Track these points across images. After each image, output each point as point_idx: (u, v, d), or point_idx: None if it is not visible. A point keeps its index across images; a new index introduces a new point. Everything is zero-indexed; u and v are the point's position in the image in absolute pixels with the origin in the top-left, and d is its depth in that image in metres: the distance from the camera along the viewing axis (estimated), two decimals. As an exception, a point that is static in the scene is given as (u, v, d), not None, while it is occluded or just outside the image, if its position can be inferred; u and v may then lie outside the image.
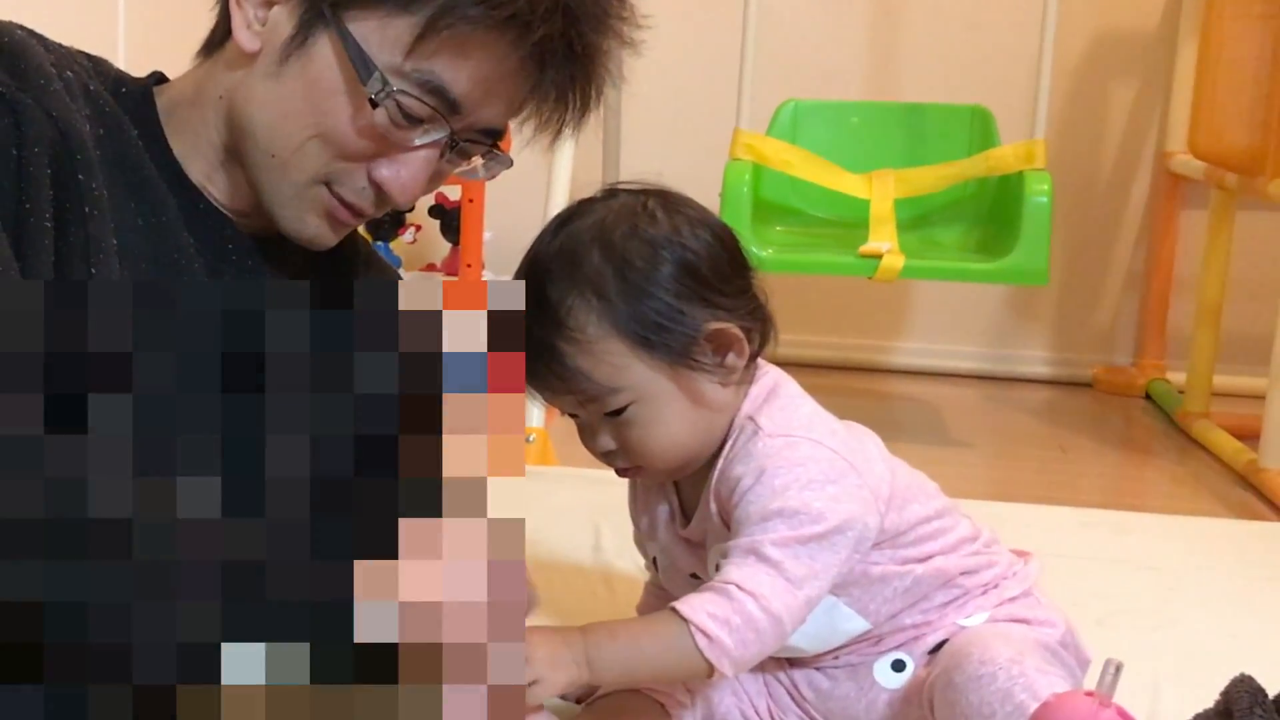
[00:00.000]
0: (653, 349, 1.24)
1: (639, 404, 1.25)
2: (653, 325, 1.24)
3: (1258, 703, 1.31)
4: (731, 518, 1.25)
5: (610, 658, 1.19)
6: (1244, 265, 3.23)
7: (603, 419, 1.27)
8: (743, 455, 1.27)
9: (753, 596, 1.19)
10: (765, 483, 1.23)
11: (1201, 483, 2.74)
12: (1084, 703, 1.11)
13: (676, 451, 1.28)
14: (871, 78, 3.58)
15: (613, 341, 1.23)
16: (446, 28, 1.17)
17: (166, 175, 1.24)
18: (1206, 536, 2.21)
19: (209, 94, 1.25)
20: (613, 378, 1.24)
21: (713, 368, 1.26)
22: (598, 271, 1.24)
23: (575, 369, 1.23)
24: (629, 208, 1.27)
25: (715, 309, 1.26)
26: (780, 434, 1.27)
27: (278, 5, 1.21)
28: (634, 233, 1.25)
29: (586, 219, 1.27)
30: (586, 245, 1.25)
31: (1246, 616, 1.84)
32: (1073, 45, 3.47)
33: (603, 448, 1.28)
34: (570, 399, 1.26)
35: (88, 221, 1.14)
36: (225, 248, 1.27)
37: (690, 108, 3.44)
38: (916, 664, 1.33)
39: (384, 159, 1.23)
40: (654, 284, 1.24)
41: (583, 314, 1.23)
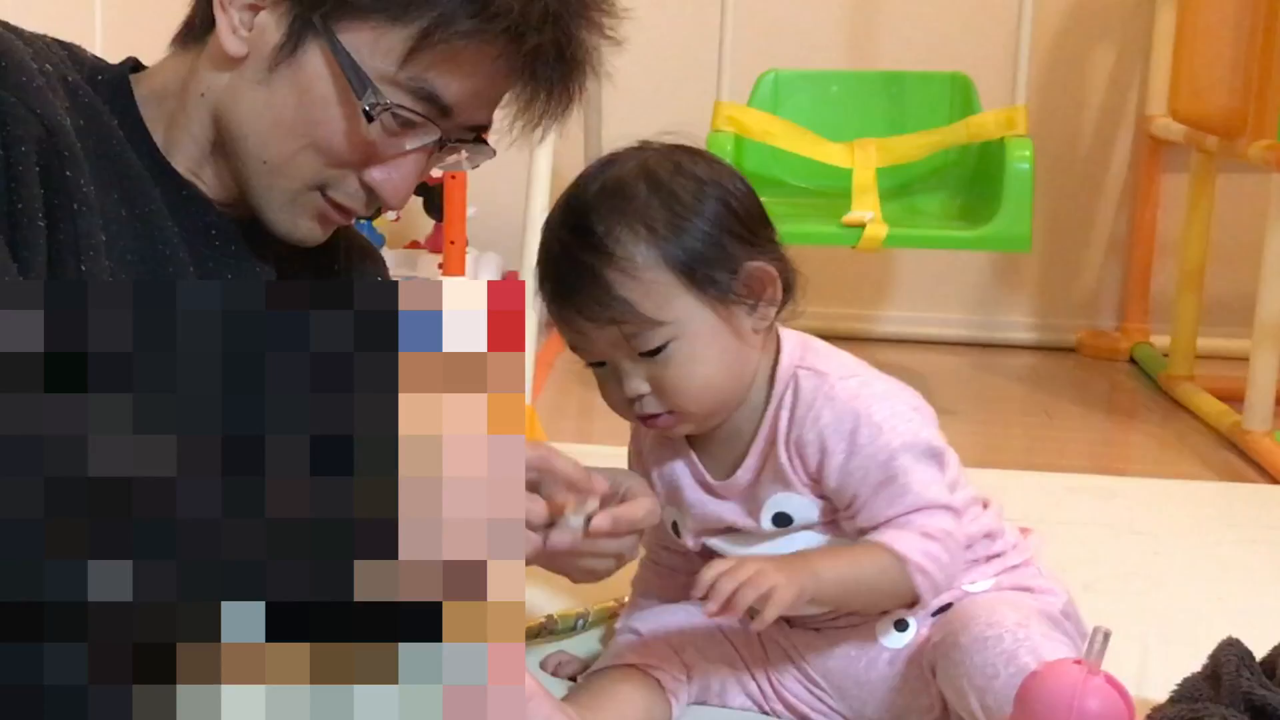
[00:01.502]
0: (697, 282, 1.27)
1: (680, 340, 1.27)
2: (698, 258, 1.27)
3: (1245, 665, 1.32)
4: (835, 462, 1.28)
5: (834, 575, 1.24)
6: (1226, 228, 3.23)
7: (638, 359, 1.28)
8: (820, 401, 1.30)
9: (947, 534, 1.26)
10: (872, 423, 1.28)
11: (1186, 445, 2.75)
12: (1072, 671, 1.12)
13: (712, 394, 1.31)
14: (851, 47, 3.58)
15: (661, 272, 1.26)
16: (441, 40, 1.17)
17: (147, 163, 1.24)
18: (1192, 499, 2.23)
19: (192, 90, 1.25)
20: (659, 309, 1.26)
21: (750, 307, 1.30)
22: (646, 204, 1.27)
23: (623, 299, 1.26)
24: (669, 152, 1.32)
25: (754, 247, 1.30)
26: (850, 375, 1.32)
27: (264, 11, 1.20)
28: (679, 170, 1.30)
29: (628, 162, 1.31)
30: (633, 181, 1.29)
31: (1233, 579, 1.85)
32: (1052, 10, 3.47)
33: (635, 391, 1.30)
34: (612, 332, 1.27)
35: (77, 218, 1.14)
36: (209, 234, 1.27)
37: (671, 79, 3.43)
38: (919, 625, 1.34)
39: (376, 163, 1.23)
40: (700, 218, 1.28)
41: (631, 244, 1.26)
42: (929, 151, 3.07)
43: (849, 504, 1.29)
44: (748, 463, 1.34)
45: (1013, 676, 1.17)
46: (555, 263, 1.31)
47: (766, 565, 1.20)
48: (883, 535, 1.26)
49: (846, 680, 1.36)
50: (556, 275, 1.31)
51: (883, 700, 1.35)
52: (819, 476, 1.30)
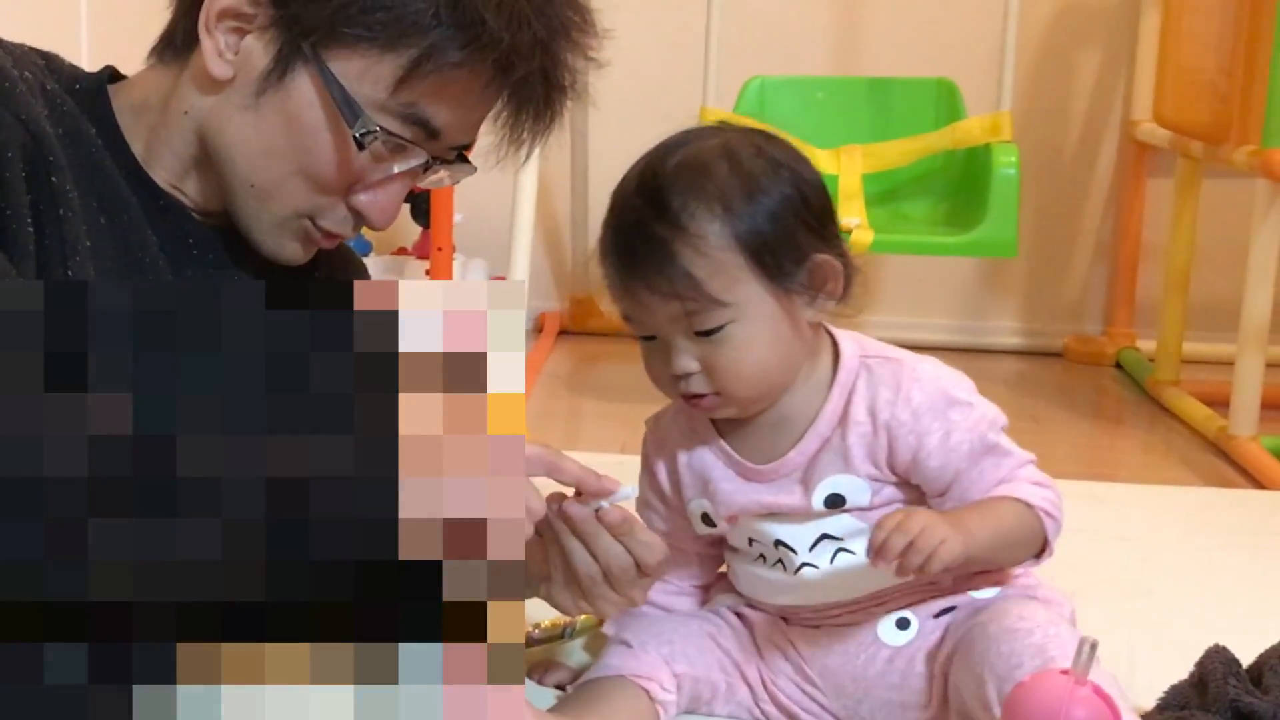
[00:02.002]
0: (765, 267, 1.28)
1: (739, 323, 1.28)
2: (769, 243, 1.28)
3: (1232, 672, 1.32)
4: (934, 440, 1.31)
5: (986, 531, 1.27)
6: (1211, 233, 3.23)
7: (692, 338, 1.29)
8: (908, 384, 1.33)
9: (1052, 482, 1.33)
10: (960, 401, 1.34)
11: (1173, 450, 2.75)
12: (1060, 681, 1.12)
13: (762, 379, 1.32)
14: (837, 53, 3.58)
15: (731, 253, 1.27)
16: (432, 70, 1.18)
17: (126, 173, 1.23)
18: (1178, 505, 2.23)
19: (174, 107, 1.24)
20: (724, 289, 1.27)
21: (809, 298, 1.31)
22: (725, 183, 1.28)
23: (690, 275, 1.26)
24: (750, 134, 1.34)
25: (822, 240, 1.31)
26: (922, 360, 1.37)
27: (250, 35, 1.19)
28: (759, 153, 1.31)
29: (710, 139, 1.33)
30: (714, 158, 1.30)
31: (1219, 585, 1.86)
32: (1036, 16, 3.47)
33: (684, 369, 1.30)
34: (674, 307, 1.28)
35: (62, 223, 1.14)
36: (187, 243, 1.27)
37: (656, 85, 3.42)
38: (921, 624, 1.34)
39: (363, 188, 1.24)
40: (776, 203, 1.29)
41: (706, 221, 1.27)
42: (915, 157, 3.07)
43: (949, 480, 1.32)
44: (803, 446, 1.34)
45: (1036, 670, 1.19)
46: (626, 231, 1.31)
47: (935, 519, 1.22)
48: (1004, 490, 1.31)
49: (844, 676, 1.36)
50: (625, 244, 1.30)
51: (879, 697, 1.35)
52: (911, 457, 1.32)
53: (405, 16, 1.16)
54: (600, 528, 1.24)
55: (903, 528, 1.20)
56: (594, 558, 1.25)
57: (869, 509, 1.34)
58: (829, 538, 1.35)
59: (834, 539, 1.35)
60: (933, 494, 1.34)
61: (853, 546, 1.35)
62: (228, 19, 1.20)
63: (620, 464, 2.23)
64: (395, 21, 1.17)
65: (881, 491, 1.34)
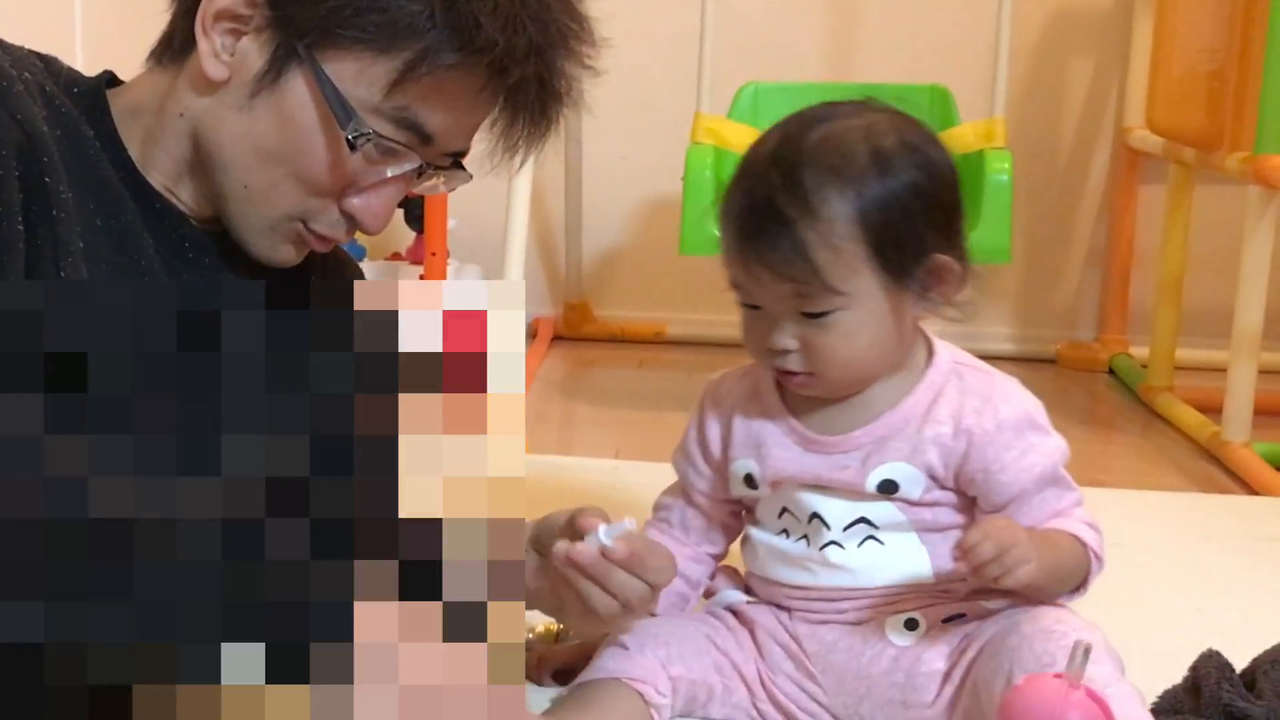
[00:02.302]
0: (886, 261, 1.28)
1: (847, 311, 1.28)
2: (895, 239, 1.28)
3: (1225, 677, 1.33)
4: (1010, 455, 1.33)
5: (1047, 557, 1.27)
6: (1203, 239, 3.24)
7: (798, 317, 1.29)
8: (998, 398, 1.35)
9: (1094, 529, 1.34)
10: (1040, 426, 1.36)
11: (1166, 456, 2.76)
12: (1053, 685, 1.12)
13: (859, 368, 1.33)
14: (830, 59, 3.59)
15: (856, 244, 1.27)
16: (426, 73, 1.18)
17: (123, 176, 1.23)
18: (1171, 510, 2.23)
19: (170, 110, 1.24)
20: (841, 278, 1.27)
21: (920, 295, 1.31)
22: (862, 171, 1.27)
23: (811, 260, 1.26)
24: (894, 121, 1.32)
25: (946, 241, 1.31)
26: (1010, 379, 1.39)
27: (247, 36, 1.20)
28: (901, 144, 1.30)
29: (853, 119, 1.31)
30: (856, 143, 1.28)
31: (1213, 590, 1.86)
32: (1030, 23, 3.48)
33: (783, 345, 1.30)
34: (786, 288, 1.28)
35: (55, 224, 1.14)
36: (182, 246, 1.27)
37: (651, 92, 3.43)
38: (929, 626, 1.35)
39: (355, 191, 1.24)
40: (909, 198, 1.28)
41: (838, 206, 1.26)
42: (908, 163, 3.07)
43: (1010, 499, 1.33)
44: (872, 428, 1.35)
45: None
46: (753, 202, 1.29)
47: (1023, 538, 1.23)
48: (1062, 524, 1.32)
49: (846, 673, 1.36)
50: (750, 215, 1.29)
51: (881, 695, 1.35)
52: (983, 468, 1.33)
53: (400, 19, 1.17)
54: (611, 566, 1.25)
55: (997, 538, 1.22)
56: (611, 595, 1.26)
57: (916, 504, 1.35)
58: (866, 522, 1.36)
59: (870, 525, 1.36)
60: (987, 508, 1.35)
61: (884, 538, 1.36)
62: (224, 20, 1.20)
63: (614, 469, 2.24)
64: (390, 24, 1.17)
65: (933, 491, 1.35)
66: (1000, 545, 1.21)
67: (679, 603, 1.48)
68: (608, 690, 1.36)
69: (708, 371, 1.51)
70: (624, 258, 3.71)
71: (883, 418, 1.35)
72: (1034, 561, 1.23)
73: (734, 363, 1.47)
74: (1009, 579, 1.22)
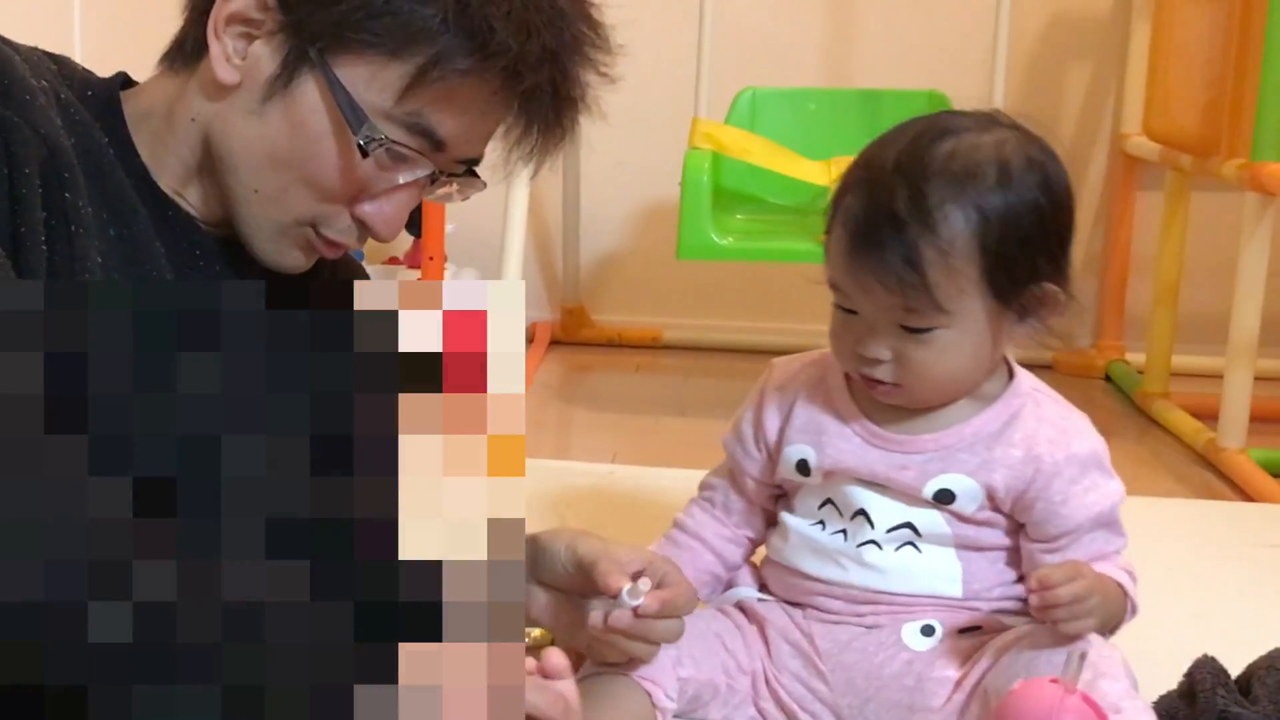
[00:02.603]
0: (996, 286, 1.27)
1: (949, 330, 1.28)
2: (1009, 264, 1.27)
3: (1220, 683, 1.33)
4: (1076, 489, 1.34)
5: (1108, 605, 1.29)
6: (1200, 246, 3.25)
7: (897, 330, 1.28)
8: (1073, 433, 1.36)
9: (1132, 577, 1.35)
10: (1106, 468, 1.37)
11: (1161, 462, 2.76)
12: (1050, 690, 1.12)
13: (949, 387, 1.33)
14: (828, 64, 3.59)
15: (972, 266, 1.26)
16: (438, 78, 1.16)
17: (135, 183, 1.23)
18: (1167, 516, 2.23)
19: (181, 115, 1.24)
20: (951, 299, 1.26)
21: (1019, 319, 1.31)
22: (988, 193, 1.26)
23: (924, 275, 1.25)
24: (1025, 143, 1.30)
25: (1055, 268, 1.30)
26: (1083, 415, 1.40)
27: (259, 40, 1.19)
28: (1030, 167, 1.28)
29: (984, 135, 1.29)
30: (986, 162, 1.27)
31: (1208, 596, 1.86)
32: (1027, 29, 3.48)
33: (876, 355, 1.30)
34: (893, 300, 1.27)
35: (74, 239, 1.13)
36: (193, 254, 1.26)
37: (648, 97, 3.43)
38: (945, 634, 1.35)
39: (367, 197, 1.23)
40: (1029, 227, 1.27)
41: (959, 227, 1.25)
42: (906, 169, 3.08)
43: (1065, 533, 1.34)
44: (942, 437, 1.35)
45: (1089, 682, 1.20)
46: (873, 209, 1.28)
47: (1098, 591, 1.25)
48: (1109, 570, 1.33)
49: (857, 673, 1.36)
50: (868, 222, 1.28)
51: (889, 698, 1.35)
52: (1044, 497, 1.34)
53: (412, 23, 1.15)
54: (648, 621, 1.25)
55: (1077, 587, 1.23)
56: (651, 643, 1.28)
57: (966, 519, 1.35)
58: (910, 528, 1.36)
59: (914, 531, 1.36)
60: (1036, 537, 1.36)
61: (923, 547, 1.36)
62: (236, 24, 1.19)
63: (611, 473, 2.24)
64: (402, 28, 1.16)
65: (985, 510, 1.36)
66: (1077, 595, 1.23)
67: (712, 583, 1.48)
68: (617, 686, 1.35)
69: (705, 376, 1.51)
70: (621, 262, 3.71)
71: (953, 428, 1.35)
72: (1096, 619, 1.24)
73: (730, 368, 1.48)
74: (1069, 627, 1.23)
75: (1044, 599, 1.23)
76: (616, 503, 2.04)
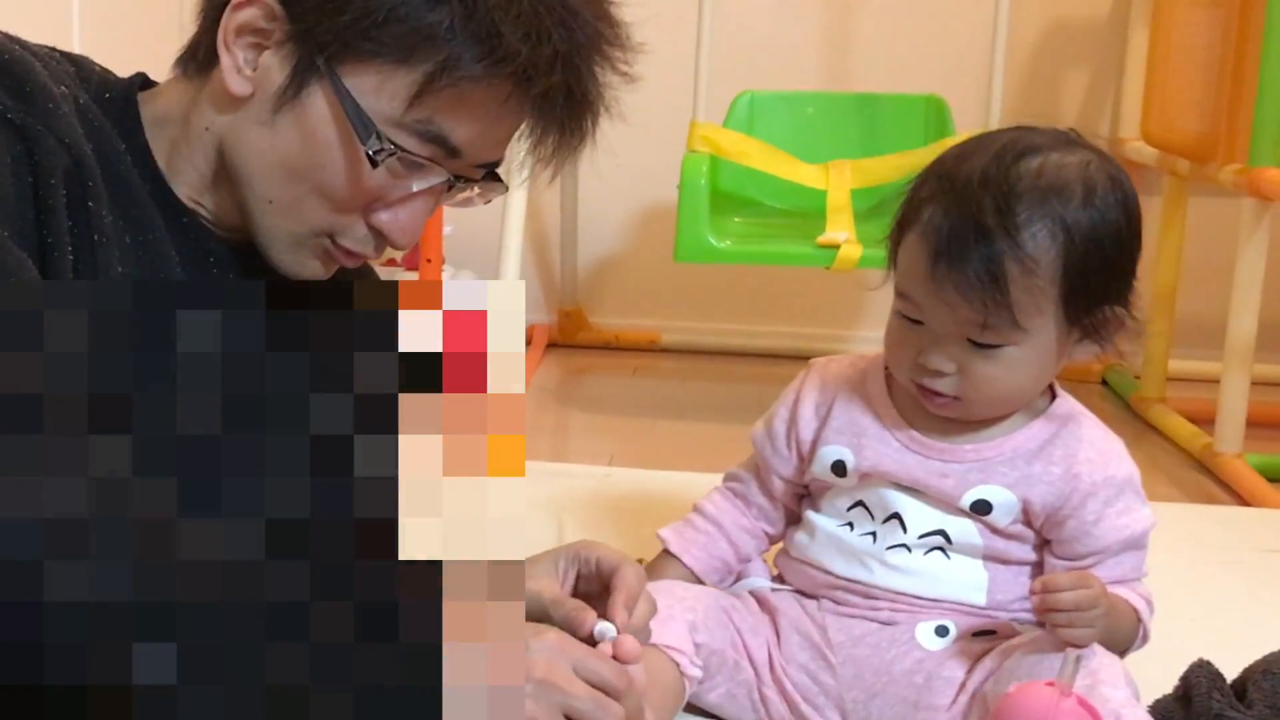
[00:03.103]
0: (1070, 307, 1.27)
1: (1018, 348, 1.28)
2: (1086, 286, 1.27)
3: (1216, 687, 1.33)
4: (1111, 511, 1.34)
5: (1112, 623, 1.29)
6: (1197, 251, 3.25)
7: (965, 344, 1.28)
8: (1113, 457, 1.36)
9: (1150, 607, 1.36)
10: (1139, 493, 1.37)
11: (1158, 467, 2.76)
12: (1045, 693, 1.13)
13: (1007, 402, 1.34)
14: (826, 68, 3.59)
15: (1052, 286, 1.26)
16: (448, 84, 1.15)
17: (150, 189, 1.22)
18: (1163, 521, 2.20)
19: (195, 123, 1.23)
20: (1027, 317, 1.26)
21: (1081, 339, 1.31)
22: (1075, 213, 1.26)
23: (1004, 292, 1.24)
24: (1107, 164, 1.30)
25: (1124, 291, 1.31)
26: (1119, 439, 1.40)
27: (268, 51, 1.18)
28: (1114, 187, 1.28)
29: (1070, 155, 1.29)
30: (1074, 182, 1.27)
31: (1204, 601, 1.86)
32: (1025, 33, 3.49)
33: (940, 367, 1.30)
34: (971, 315, 1.26)
35: (97, 249, 1.12)
36: (207, 261, 1.25)
37: (646, 99, 3.43)
38: (959, 635, 1.36)
39: (382, 206, 1.21)
40: (1110, 249, 1.27)
41: (1046, 247, 1.25)
42: (904, 173, 3.07)
43: (1093, 552, 1.35)
44: (983, 448, 1.35)
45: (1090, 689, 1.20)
46: (958, 223, 1.27)
47: (1102, 604, 1.24)
48: (1125, 594, 1.34)
49: (867, 667, 1.36)
50: (954, 235, 1.27)
51: (896, 694, 1.35)
52: (1078, 516, 1.34)
53: (420, 29, 1.14)
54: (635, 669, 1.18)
55: (1080, 596, 1.23)
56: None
57: (999, 531, 1.36)
58: (942, 535, 1.36)
59: (945, 539, 1.36)
60: (1063, 555, 1.36)
61: (952, 554, 1.37)
62: (246, 34, 1.18)
63: (608, 475, 2.24)
64: (410, 34, 1.14)
65: (1018, 525, 1.36)
66: (1079, 603, 1.23)
67: (722, 570, 1.48)
68: (647, 659, 1.33)
69: (702, 379, 1.51)
70: (619, 265, 3.71)
71: (995, 441, 1.36)
72: (1097, 630, 1.24)
73: (727, 371, 1.48)
74: (1067, 633, 1.23)
75: (1045, 601, 1.23)
76: (613, 506, 2.03)
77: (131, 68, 1.31)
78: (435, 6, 1.14)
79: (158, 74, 1.31)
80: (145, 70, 1.31)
